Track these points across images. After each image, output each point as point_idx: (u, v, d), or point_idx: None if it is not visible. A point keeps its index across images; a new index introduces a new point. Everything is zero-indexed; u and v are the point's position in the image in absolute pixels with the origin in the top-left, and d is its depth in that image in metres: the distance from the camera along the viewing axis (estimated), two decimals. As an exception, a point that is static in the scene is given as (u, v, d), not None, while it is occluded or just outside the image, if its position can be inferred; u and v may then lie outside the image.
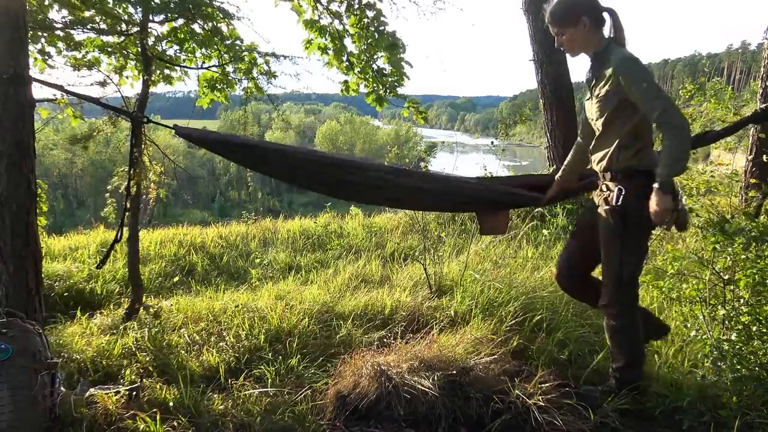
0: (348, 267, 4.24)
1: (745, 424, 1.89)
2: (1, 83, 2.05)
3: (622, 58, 1.95)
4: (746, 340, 2.04)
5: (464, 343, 2.52)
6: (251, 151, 2.46)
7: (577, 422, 1.98)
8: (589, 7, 2.05)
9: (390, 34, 3.66)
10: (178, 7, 3.08)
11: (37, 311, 2.20)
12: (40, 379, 1.91)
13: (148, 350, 2.58)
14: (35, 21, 2.90)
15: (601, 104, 2.04)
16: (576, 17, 2.05)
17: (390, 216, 6.45)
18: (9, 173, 2.09)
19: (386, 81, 3.80)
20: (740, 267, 2.12)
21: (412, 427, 2.05)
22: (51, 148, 47.28)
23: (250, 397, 2.17)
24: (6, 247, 2.10)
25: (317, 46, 3.82)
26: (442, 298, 3.28)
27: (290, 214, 7.91)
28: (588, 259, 2.31)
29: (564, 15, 2.08)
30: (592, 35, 2.06)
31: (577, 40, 2.09)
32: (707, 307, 2.24)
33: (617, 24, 2.05)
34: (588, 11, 2.04)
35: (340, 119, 72.71)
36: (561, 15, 2.09)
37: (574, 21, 2.05)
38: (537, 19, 6.33)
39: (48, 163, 49.41)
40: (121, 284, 3.98)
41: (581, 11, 2.04)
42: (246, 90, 3.68)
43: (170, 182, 31.29)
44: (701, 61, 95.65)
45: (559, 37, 2.13)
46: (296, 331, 2.81)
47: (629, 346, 2.16)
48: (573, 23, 2.06)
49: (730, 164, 3.95)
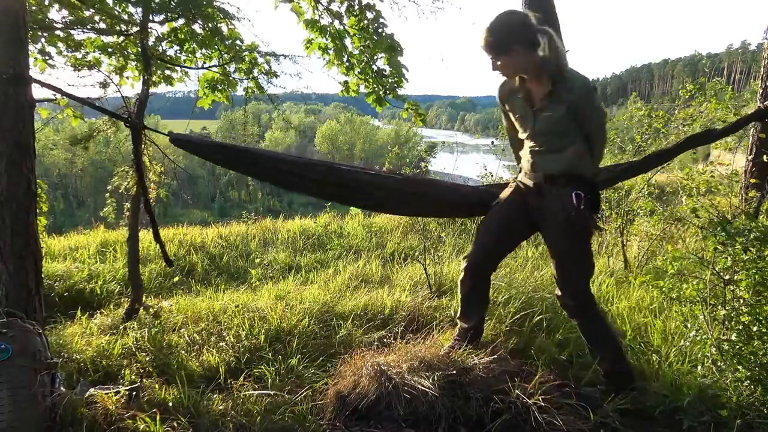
0: (348, 267, 4.24)
1: (745, 424, 1.89)
2: (1, 83, 2.05)
3: (588, 90, 2.10)
4: (746, 340, 2.03)
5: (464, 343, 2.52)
6: (242, 155, 2.47)
7: (577, 422, 1.98)
8: (522, 37, 2.03)
9: (389, 36, 3.66)
10: (178, 7, 3.08)
11: (37, 311, 2.19)
12: (40, 379, 1.91)
13: (148, 350, 2.58)
14: (35, 21, 2.90)
15: (556, 120, 2.14)
16: (508, 47, 2.06)
17: (390, 216, 6.45)
18: (9, 173, 2.09)
19: (386, 82, 3.81)
20: (740, 267, 2.11)
21: (412, 427, 2.04)
22: (51, 148, 47.29)
23: (250, 397, 2.17)
24: (6, 247, 2.09)
25: (318, 46, 3.83)
26: (442, 298, 3.28)
27: (290, 214, 7.91)
28: (501, 255, 2.52)
29: (496, 45, 2.08)
30: (527, 60, 2.06)
31: (512, 66, 2.12)
32: (707, 307, 2.24)
33: (552, 45, 2.03)
34: (520, 40, 2.03)
35: (340, 119, 72.72)
36: (493, 45, 2.09)
37: (506, 51, 2.07)
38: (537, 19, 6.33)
39: (48, 163, 49.41)
40: (121, 284, 3.98)
41: (513, 41, 2.04)
42: (246, 90, 3.68)
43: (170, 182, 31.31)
44: (701, 61, 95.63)
45: (494, 62, 2.16)
46: (296, 331, 2.81)
47: (604, 338, 2.28)
48: (506, 53, 2.08)
49: (730, 164, 3.95)
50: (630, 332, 2.66)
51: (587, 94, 2.11)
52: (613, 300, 3.17)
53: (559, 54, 2.06)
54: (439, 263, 3.78)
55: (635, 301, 3.08)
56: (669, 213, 4.02)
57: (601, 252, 4.21)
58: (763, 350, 1.97)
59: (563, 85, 2.08)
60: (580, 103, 2.09)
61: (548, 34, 2.03)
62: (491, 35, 2.06)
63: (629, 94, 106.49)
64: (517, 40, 2.03)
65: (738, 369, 2.03)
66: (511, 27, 2.04)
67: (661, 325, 2.68)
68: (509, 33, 2.04)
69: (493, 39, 2.07)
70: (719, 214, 2.76)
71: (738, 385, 2.03)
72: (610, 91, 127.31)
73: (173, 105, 14.29)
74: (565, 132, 2.16)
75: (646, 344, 2.58)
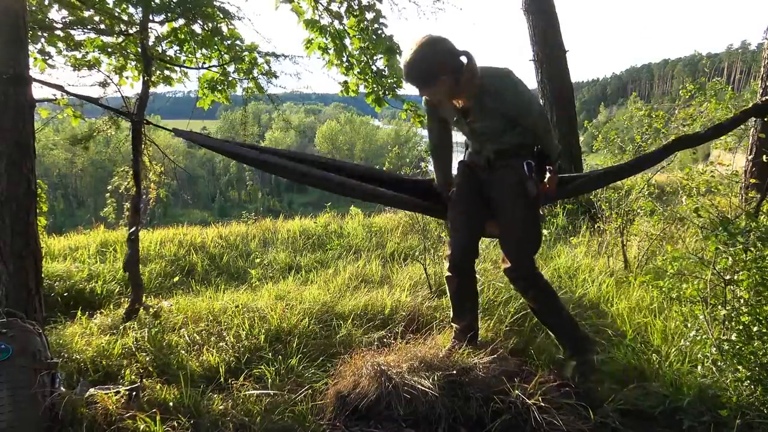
0: (348, 267, 4.23)
1: (745, 424, 1.89)
2: (1, 83, 2.06)
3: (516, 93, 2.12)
4: (746, 340, 2.03)
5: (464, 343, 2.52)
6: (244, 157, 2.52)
7: (577, 422, 1.98)
8: (448, 66, 2.02)
9: (388, 38, 3.67)
10: (178, 7, 3.08)
11: (37, 311, 2.20)
12: (40, 379, 1.91)
13: (148, 350, 2.58)
14: (35, 21, 2.90)
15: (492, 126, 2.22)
16: (434, 79, 2.05)
17: (390, 216, 6.46)
18: (9, 173, 2.09)
19: (385, 82, 3.81)
20: (741, 267, 2.11)
21: (412, 427, 2.04)
22: (51, 148, 47.31)
23: (250, 397, 2.17)
24: (6, 247, 2.10)
25: (318, 46, 3.83)
26: (442, 298, 3.28)
27: (290, 214, 7.90)
28: (477, 241, 2.51)
29: (424, 78, 2.08)
30: (454, 85, 2.07)
31: (440, 94, 2.14)
32: (707, 307, 2.24)
33: (472, 65, 2.04)
34: (447, 70, 2.02)
35: (340, 119, 72.75)
36: (421, 79, 2.09)
37: (434, 82, 2.07)
38: (537, 19, 6.34)
39: (48, 163, 49.44)
40: (121, 284, 3.97)
41: (441, 72, 2.03)
42: (246, 90, 3.68)
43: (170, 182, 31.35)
44: (701, 61, 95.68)
45: (422, 94, 2.19)
46: (296, 331, 2.81)
47: (558, 309, 2.38)
48: (433, 84, 2.08)
49: (730, 164, 3.95)
50: (630, 332, 2.66)
51: (515, 97, 2.12)
52: (613, 300, 3.17)
53: (476, 72, 2.06)
54: (439, 263, 3.78)
55: (635, 301, 3.08)
56: (669, 213, 4.02)
57: (601, 252, 4.21)
58: (763, 350, 1.97)
59: (490, 96, 2.11)
60: (513, 107, 2.14)
61: (468, 54, 2.04)
62: (418, 70, 2.05)
63: (629, 94, 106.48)
64: (444, 71, 2.02)
65: (738, 369, 2.03)
66: (437, 59, 2.02)
67: (661, 325, 2.68)
68: (436, 65, 2.02)
69: (420, 73, 2.06)
70: (720, 214, 2.77)
71: (738, 385, 2.03)
72: (610, 91, 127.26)
73: (173, 105, 14.35)
74: (503, 128, 2.22)
75: (646, 344, 2.58)
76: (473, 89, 2.10)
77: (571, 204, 5.59)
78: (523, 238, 2.31)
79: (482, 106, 2.15)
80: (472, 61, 2.04)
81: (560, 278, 3.63)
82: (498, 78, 2.11)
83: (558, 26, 6.36)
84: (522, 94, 2.16)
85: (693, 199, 3.46)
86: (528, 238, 2.32)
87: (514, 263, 2.31)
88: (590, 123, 7.15)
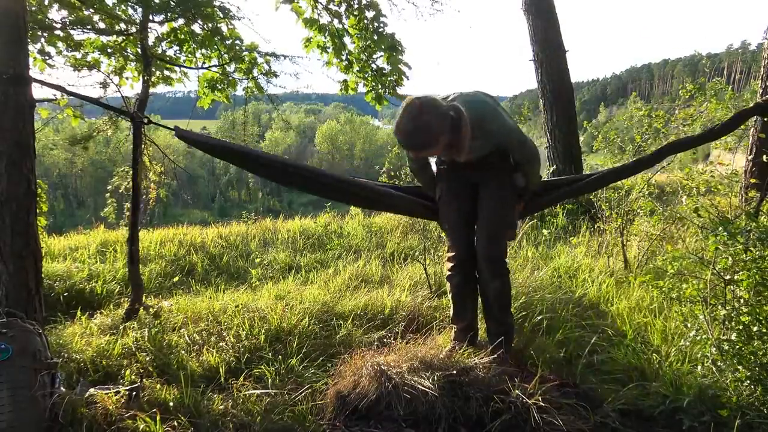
0: (348, 267, 4.23)
1: (745, 424, 1.89)
2: (1, 83, 2.06)
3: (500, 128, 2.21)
4: (746, 340, 2.03)
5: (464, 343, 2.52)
6: (245, 157, 2.48)
7: (577, 422, 1.97)
8: (443, 127, 2.03)
9: (389, 36, 3.66)
10: (178, 7, 3.08)
11: (37, 311, 2.20)
12: (40, 379, 1.91)
13: (148, 350, 2.58)
14: (35, 21, 2.90)
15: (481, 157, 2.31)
16: (434, 143, 2.06)
17: (390, 216, 6.45)
18: (9, 173, 2.09)
19: (385, 80, 3.80)
20: (740, 267, 2.11)
21: (412, 427, 2.04)
22: (51, 148, 47.25)
23: (250, 397, 2.17)
24: (6, 247, 2.10)
25: (316, 44, 3.82)
26: (442, 298, 3.28)
27: (290, 214, 7.90)
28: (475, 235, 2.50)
29: (423, 146, 2.11)
30: (452, 141, 2.09)
31: (439, 150, 2.17)
32: (707, 307, 2.24)
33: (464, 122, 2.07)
34: (444, 132, 2.03)
35: (340, 119, 72.74)
36: (420, 147, 2.12)
37: (433, 146, 2.09)
38: (537, 19, 6.34)
39: (48, 163, 49.45)
40: (121, 284, 3.97)
41: (438, 136, 2.03)
42: (246, 90, 3.68)
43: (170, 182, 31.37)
44: (701, 61, 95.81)
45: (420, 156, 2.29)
46: (296, 331, 2.81)
47: (509, 309, 2.50)
48: (433, 147, 2.11)
49: (730, 164, 3.95)
50: (630, 332, 2.66)
51: (499, 128, 2.21)
52: (613, 300, 3.17)
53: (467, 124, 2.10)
54: (439, 263, 3.78)
55: (635, 301, 3.08)
56: (669, 213, 4.02)
57: (601, 252, 4.21)
58: (763, 350, 1.97)
59: (480, 132, 2.16)
60: (501, 142, 2.27)
61: (456, 109, 2.06)
62: (417, 139, 2.05)
63: (629, 94, 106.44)
64: (442, 132, 2.03)
65: (738, 369, 2.03)
66: (434, 125, 2.02)
67: (661, 325, 2.68)
68: (434, 131, 2.02)
69: (419, 141, 2.07)
70: (719, 214, 2.77)
71: (738, 385, 2.03)
72: (610, 91, 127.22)
73: (173, 105, 14.36)
74: (489, 150, 2.30)
75: (646, 344, 2.58)
76: (468, 139, 2.13)
77: (571, 204, 5.59)
78: (503, 218, 2.39)
79: (474, 143, 2.18)
80: (463, 116, 2.06)
81: (560, 278, 3.63)
82: (479, 113, 2.15)
83: (558, 26, 6.36)
84: (503, 126, 2.24)
85: (693, 199, 3.46)
86: (507, 219, 2.41)
87: (488, 248, 2.37)
88: (590, 123, 7.15)
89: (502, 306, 2.46)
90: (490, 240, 2.38)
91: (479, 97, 2.25)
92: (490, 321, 2.50)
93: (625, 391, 2.18)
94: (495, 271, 2.39)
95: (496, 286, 2.41)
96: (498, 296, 2.42)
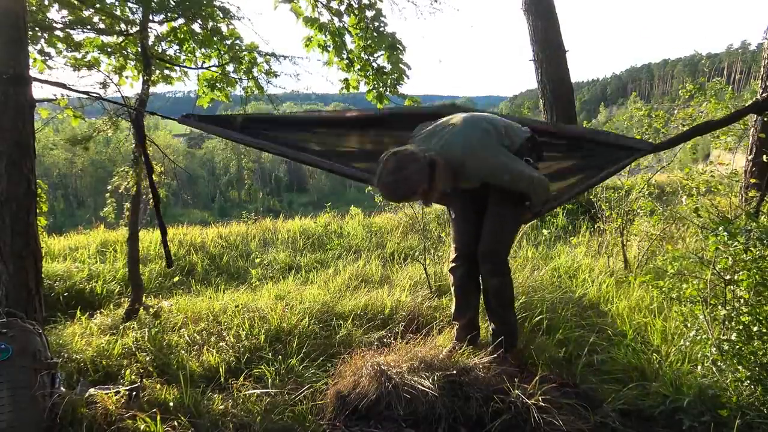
0: (348, 267, 4.24)
1: (745, 424, 1.89)
2: (1, 83, 2.05)
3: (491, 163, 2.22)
4: (746, 340, 2.03)
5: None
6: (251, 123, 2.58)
7: (577, 422, 1.97)
8: (420, 180, 2.10)
9: (390, 35, 3.66)
10: (178, 7, 3.08)
11: (37, 311, 2.19)
12: (40, 379, 1.91)
13: (148, 350, 2.58)
14: (35, 21, 2.90)
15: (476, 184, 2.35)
16: (412, 194, 2.18)
17: (390, 216, 6.46)
18: (9, 173, 2.09)
19: (386, 79, 3.80)
20: (740, 267, 2.11)
21: (412, 427, 2.04)
22: (51, 148, 47.29)
23: (250, 397, 2.17)
24: (6, 247, 2.10)
25: (317, 43, 3.82)
26: (442, 298, 3.28)
27: (290, 214, 7.89)
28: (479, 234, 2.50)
29: (403, 197, 2.30)
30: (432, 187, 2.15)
31: (423, 198, 2.23)
32: (707, 307, 2.24)
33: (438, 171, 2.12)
34: (421, 183, 2.11)
35: (340, 119, 72.46)
36: (400, 198, 2.32)
37: (412, 197, 2.23)
38: (537, 19, 6.34)
39: (48, 163, 49.45)
40: (121, 284, 3.97)
41: (416, 188, 2.12)
42: (246, 89, 3.68)
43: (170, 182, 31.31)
44: (701, 61, 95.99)
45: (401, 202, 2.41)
46: (296, 331, 2.81)
47: (512, 307, 2.50)
48: (412, 197, 2.25)
49: (730, 164, 3.95)
50: (630, 332, 2.66)
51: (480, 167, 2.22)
52: (613, 300, 3.17)
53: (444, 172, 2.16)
54: (439, 263, 3.78)
55: (635, 301, 3.08)
56: (669, 213, 4.02)
57: (601, 252, 4.21)
58: (763, 350, 1.97)
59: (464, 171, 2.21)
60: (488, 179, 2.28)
61: (431, 160, 2.11)
62: (395, 193, 2.21)
63: (629, 94, 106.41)
64: (420, 184, 2.11)
65: (738, 369, 2.03)
66: (409, 180, 2.10)
67: (661, 325, 2.68)
68: (410, 185, 2.12)
69: (399, 195, 2.26)
70: (720, 214, 2.77)
71: (738, 385, 2.03)
72: (610, 91, 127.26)
73: (173, 105, 14.34)
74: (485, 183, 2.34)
75: (646, 344, 2.58)
76: (448, 181, 2.21)
77: (571, 204, 5.59)
78: (500, 231, 2.40)
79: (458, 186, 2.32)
80: (438, 165, 2.12)
81: (560, 278, 3.63)
82: (461, 156, 2.19)
83: (558, 26, 6.36)
84: (488, 165, 2.22)
85: (693, 199, 3.47)
86: (505, 231, 2.43)
87: (489, 245, 2.38)
88: (590, 123, 7.15)
89: (502, 304, 2.45)
90: (493, 243, 2.39)
91: (472, 132, 2.24)
92: (492, 318, 2.49)
93: (625, 391, 2.17)
94: (495, 269, 2.40)
95: (495, 284, 2.41)
96: (497, 293, 2.42)
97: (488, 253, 2.39)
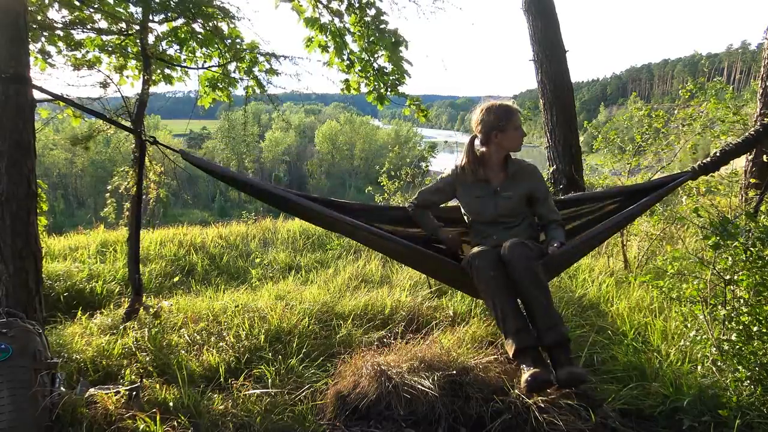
0: (348, 267, 4.24)
1: (745, 424, 1.89)
2: (1, 83, 2.05)
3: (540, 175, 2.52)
4: (746, 340, 2.03)
5: (464, 343, 2.52)
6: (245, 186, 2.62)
7: (577, 422, 1.98)
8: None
9: (392, 33, 3.65)
10: (178, 7, 3.08)
11: (37, 311, 2.19)
12: (40, 379, 1.91)
13: (148, 350, 2.58)
14: (35, 21, 2.90)
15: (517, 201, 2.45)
16: (506, 126, 2.45)
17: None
18: (9, 173, 2.09)
19: (387, 80, 3.80)
20: (740, 267, 2.11)
21: (412, 427, 2.04)
22: (51, 148, 47.27)
23: (250, 397, 2.17)
24: (6, 246, 2.09)
25: (318, 44, 3.82)
26: (442, 298, 3.28)
27: (290, 214, 7.88)
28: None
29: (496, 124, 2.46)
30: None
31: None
32: (707, 307, 2.24)
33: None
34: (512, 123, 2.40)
35: (340, 119, 72.64)
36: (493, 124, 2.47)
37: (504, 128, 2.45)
38: (537, 19, 6.34)
39: (48, 163, 49.41)
40: (121, 284, 3.97)
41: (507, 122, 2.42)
42: (247, 89, 3.68)
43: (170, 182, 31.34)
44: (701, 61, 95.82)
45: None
46: (296, 331, 2.81)
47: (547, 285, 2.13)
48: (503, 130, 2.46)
49: (730, 164, 3.94)
50: (630, 332, 2.66)
51: (542, 181, 2.49)
52: (613, 300, 3.17)
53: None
54: (439, 263, 3.77)
55: (635, 301, 3.08)
56: (669, 213, 4.02)
57: (601, 252, 4.21)
58: (763, 350, 1.97)
59: (523, 171, 2.46)
60: (538, 188, 2.46)
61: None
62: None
63: (629, 94, 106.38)
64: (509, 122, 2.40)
65: (738, 369, 2.03)
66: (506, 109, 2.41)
67: (661, 324, 2.68)
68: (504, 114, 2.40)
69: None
70: (719, 214, 2.76)
71: (738, 385, 2.03)
72: (610, 91, 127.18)
73: (173, 105, 14.33)
74: (522, 210, 2.46)
75: (646, 344, 2.58)
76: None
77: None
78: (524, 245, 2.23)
79: (514, 177, 2.44)
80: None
81: (560, 278, 3.63)
82: (530, 165, 2.51)
83: (558, 26, 6.35)
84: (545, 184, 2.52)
85: (693, 199, 3.46)
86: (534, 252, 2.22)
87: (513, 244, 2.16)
88: (590, 123, 7.14)
89: (536, 283, 2.05)
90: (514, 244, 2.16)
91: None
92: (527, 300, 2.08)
93: (625, 391, 2.18)
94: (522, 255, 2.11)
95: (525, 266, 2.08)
96: (530, 275, 2.06)
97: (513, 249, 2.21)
